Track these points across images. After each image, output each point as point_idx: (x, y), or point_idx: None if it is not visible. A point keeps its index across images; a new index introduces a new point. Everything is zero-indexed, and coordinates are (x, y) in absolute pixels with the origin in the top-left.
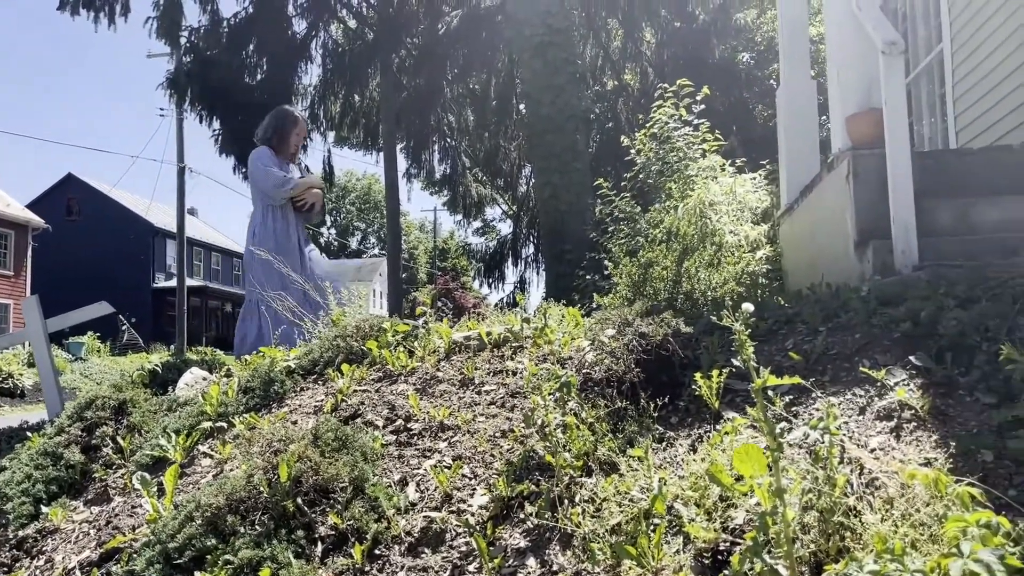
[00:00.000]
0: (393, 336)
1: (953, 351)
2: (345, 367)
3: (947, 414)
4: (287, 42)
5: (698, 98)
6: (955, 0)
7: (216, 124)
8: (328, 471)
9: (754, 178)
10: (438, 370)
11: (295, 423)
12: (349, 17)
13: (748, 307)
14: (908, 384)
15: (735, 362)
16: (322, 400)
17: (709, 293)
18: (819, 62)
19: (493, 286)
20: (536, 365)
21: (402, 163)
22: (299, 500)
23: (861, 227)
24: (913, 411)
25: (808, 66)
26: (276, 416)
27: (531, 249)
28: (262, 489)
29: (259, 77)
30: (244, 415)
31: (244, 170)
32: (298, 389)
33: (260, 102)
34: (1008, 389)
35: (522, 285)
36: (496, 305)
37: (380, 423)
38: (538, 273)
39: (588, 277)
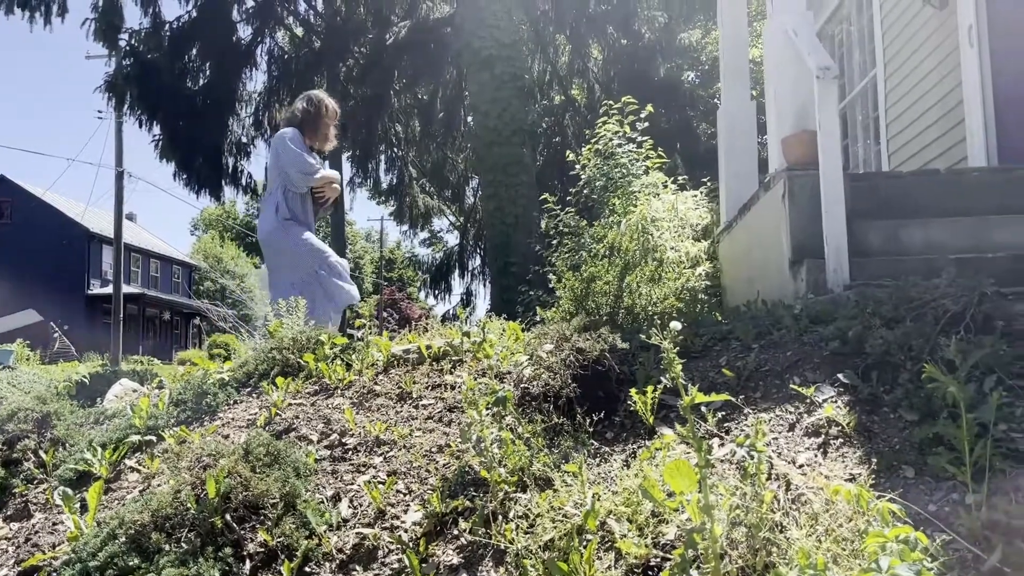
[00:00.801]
0: (331, 349)
1: (879, 369)
2: (280, 380)
3: (872, 430)
4: (232, 47)
5: (642, 116)
6: (888, 28)
7: (156, 129)
8: (258, 487)
9: (695, 195)
10: (376, 384)
11: (227, 437)
12: (296, 24)
13: (676, 325)
14: (836, 401)
15: (665, 379)
16: (256, 413)
17: (650, 308)
18: (760, 83)
19: (439, 297)
20: (475, 379)
21: (348, 172)
22: (228, 516)
23: (796, 246)
24: (840, 427)
25: (748, 87)
26: (207, 430)
27: (477, 261)
28: (189, 505)
29: (202, 82)
30: (174, 428)
31: (185, 176)
32: (232, 402)
33: (202, 108)
34: (929, 407)
35: (468, 297)
36: (442, 317)
37: (315, 437)
38: (484, 285)
39: (532, 292)
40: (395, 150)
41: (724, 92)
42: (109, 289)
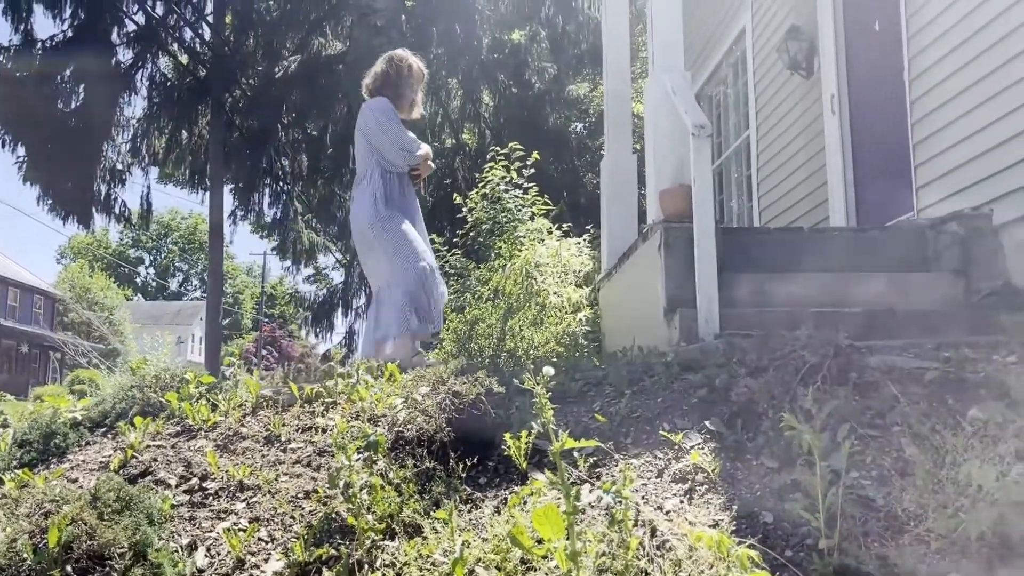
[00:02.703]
0: (196, 388)
1: (743, 417)
2: (139, 420)
3: (735, 477)
4: (110, 71)
5: (529, 162)
6: (761, 93)
7: (21, 150)
8: (105, 535)
9: (579, 242)
10: (242, 425)
11: (75, 481)
12: (180, 52)
13: (549, 371)
14: (702, 447)
15: (535, 424)
16: (110, 456)
17: (531, 352)
18: (642, 137)
19: (321, 336)
20: (348, 422)
21: (230, 204)
22: (69, 568)
23: (670, 295)
24: (705, 474)
25: (630, 140)
26: (54, 473)
27: (363, 299)
28: (26, 555)
29: (75, 104)
30: (16, 471)
31: (50, 201)
32: (84, 443)
33: (75, 131)
34: (788, 454)
35: (351, 336)
36: (323, 356)
37: (173, 482)
38: None
39: None
40: (281, 184)
41: (607, 144)
42: None
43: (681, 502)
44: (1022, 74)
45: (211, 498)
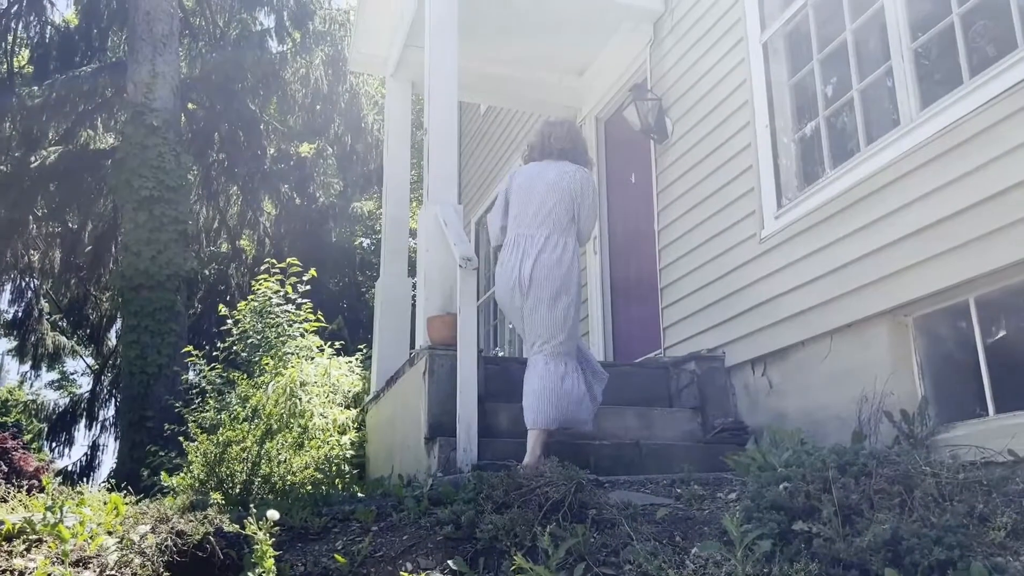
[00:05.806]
0: None
1: (487, 555)
2: None
3: None
4: None
5: (305, 279)
6: None
7: None
8: None
9: (350, 361)
10: None
11: None
12: None
13: (273, 514)
14: None
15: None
16: None
17: (289, 478)
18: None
19: (57, 450)
20: (53, 564)
21: None
22: None
23: (432, 423)
24: None
25: (406, 263)
26: None
27: (112, 411)
28: None
29: None
30: None
31: None
32: None
33: None
34: None
35: (94, 451)
36: (63, 474)
37: None
38: (116, 439)
39: (165, 452)
40: (27, 279)
41: (383, 266)
42: None
43: None
44: (738, 240)
45: None
